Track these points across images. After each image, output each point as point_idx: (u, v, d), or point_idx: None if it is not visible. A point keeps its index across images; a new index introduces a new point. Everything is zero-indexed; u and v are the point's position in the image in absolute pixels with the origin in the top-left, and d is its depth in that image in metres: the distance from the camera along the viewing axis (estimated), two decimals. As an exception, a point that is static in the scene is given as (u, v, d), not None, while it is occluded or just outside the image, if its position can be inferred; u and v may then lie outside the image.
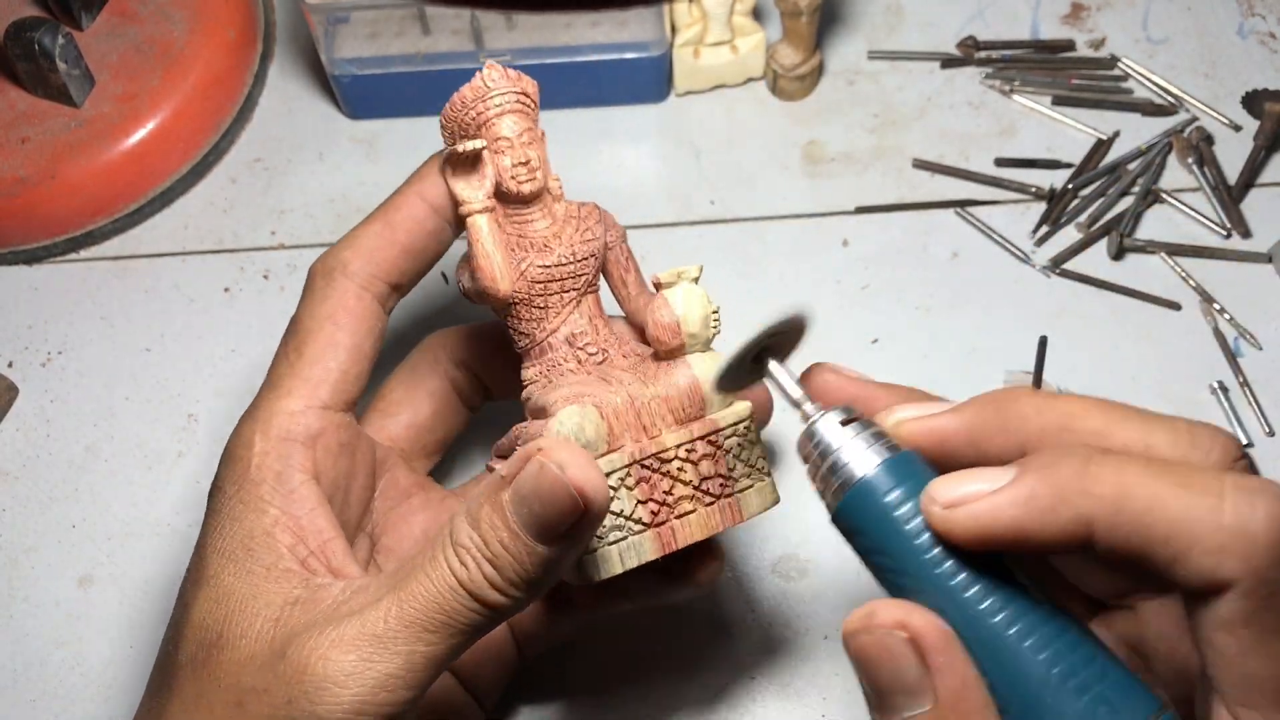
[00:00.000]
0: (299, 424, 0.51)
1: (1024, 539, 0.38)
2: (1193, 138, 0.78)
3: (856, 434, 0.42)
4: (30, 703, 0.65)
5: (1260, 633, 0.36)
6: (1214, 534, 0.35)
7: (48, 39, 0.74)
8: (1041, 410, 0.41)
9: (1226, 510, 0.35)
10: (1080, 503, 0.37)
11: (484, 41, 0.78)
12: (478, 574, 0.45)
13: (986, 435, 0.41)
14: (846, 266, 0.75)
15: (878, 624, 0.38)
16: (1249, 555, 0.35)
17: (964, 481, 0.39)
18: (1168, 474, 0.37)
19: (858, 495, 0.41)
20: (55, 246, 0.78)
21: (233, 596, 0.47)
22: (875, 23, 0.84)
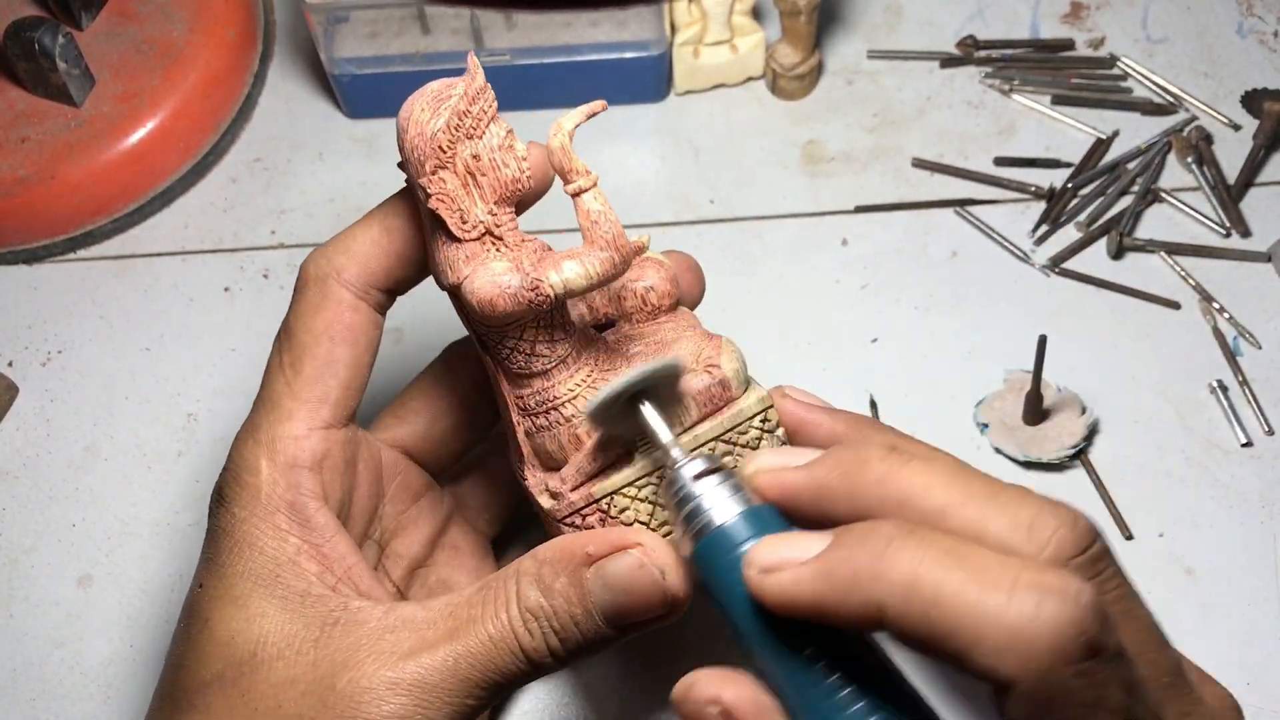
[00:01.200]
0: (304, 449, 0.50)
1: (824, 614, 0.38)
2: (1192, 137, 0.78)
3: (719, 483, 0.42)
4: (30, 702, 0.65)
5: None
6: (995, 633, 0.34)
7: (48, 38, 0.74)
8: (884, 480, 0.40)
9: (1011, 608, 0.34)
10: (871, 587, 0.36)
11: (483, 41, 0.78)
12: (541, 642, 0.45)
13: (830, 499, 0.41)
14: (846, 266, 0.75)
15: (694, 696, 0.39)
16: (1028, 659, 0.34)
17: (783, 547, 0.39)
18: (964, 564, 0.35)
19: (707, 546, 0.41)
20: (55, 246, 0.78)
21: (267, 616, 0.47)
22: (874, 22, 0.84)
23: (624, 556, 0.44)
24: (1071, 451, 0.68)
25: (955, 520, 0.38)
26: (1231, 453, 0.69)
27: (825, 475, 0.41)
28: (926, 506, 0.39)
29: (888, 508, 0.39)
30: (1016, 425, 0.69)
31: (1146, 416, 0.70)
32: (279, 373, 0.51)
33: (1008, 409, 0.69)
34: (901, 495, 0.39)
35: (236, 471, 0.50)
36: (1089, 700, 0.35)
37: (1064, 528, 0.38)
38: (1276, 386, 0.71)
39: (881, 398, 0.71)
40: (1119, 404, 0.70)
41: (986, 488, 0.39)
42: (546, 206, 0.53)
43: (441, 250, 0.48)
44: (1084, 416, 0.68)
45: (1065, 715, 0.35)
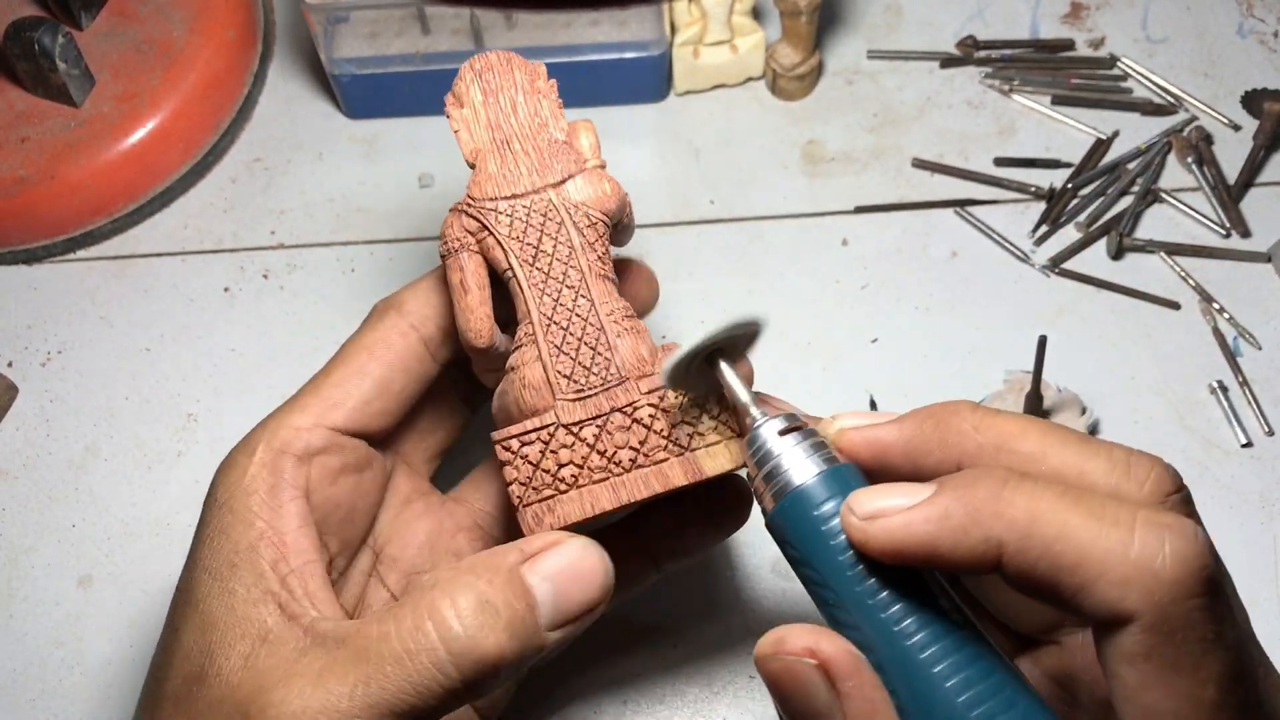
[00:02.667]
0: (301, 439, 0.50)
1: (936, 557, 0.38)
2: (1192, 137, 0.78)
3: (797, 443, 0.42)
4: (30, 702, 0.65)
5: (1160, 667, 0.36)
6: (1119, 566, 0.35)
7: (47, 38, 0.74)
8: (979, 428, 0.40)
9: (1135, 544, 0.36)
10: (992, 525, 0.37)
11: (484, 41, 0.78)
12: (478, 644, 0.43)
13: (924, 450, 0.41)
14: (846, 266, 0.75)
15: (787, 650, 0.39)
16: (1152, 590, 0.35)
17: (885, 495, 0.39)
18: (1082, 503, 0.37)
19: (791, 504, 0.41)
20: (55, 246, 0.78)
21: (216, 627, 0.46)
22: (874, 22, 0.84)
23: (563, 545, 0.45)
24: (1071, 452, 0.68)
25: (1055, 461, 0.39)
26: (1231, 453, 0.69)
27: (917, 427, 0.42)
28: (1025, 450, 0.40)
29: (984, 454, 0.40)
30: (1016, 425, 0.69)
31: (1146, 416, 0.70)
32: (314, 377, 0.52)
33: (1008, 409, 0.69)
34: (999, 440, 0.40)
35: (233, 457, 0.50)
36: (1208, 635, 0.36)
37: (1158, 467, 0.39)
38: (1276, 387, 0.71)
39: (881, 398, 0.71)
40: (1119, 404, 0.70)
41: (1078, 435, 0.40)
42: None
43: None
44: (1084, 417, 0.68)
45: (1184, 650, 0.35)
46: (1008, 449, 0.40)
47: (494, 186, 0.52)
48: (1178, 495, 0.39)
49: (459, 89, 0.54)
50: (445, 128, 0.82)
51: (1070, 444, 0.40)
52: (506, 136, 0.53)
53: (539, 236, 0.51)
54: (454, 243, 0.51)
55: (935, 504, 0.38)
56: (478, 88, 0.54)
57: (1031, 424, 0.40)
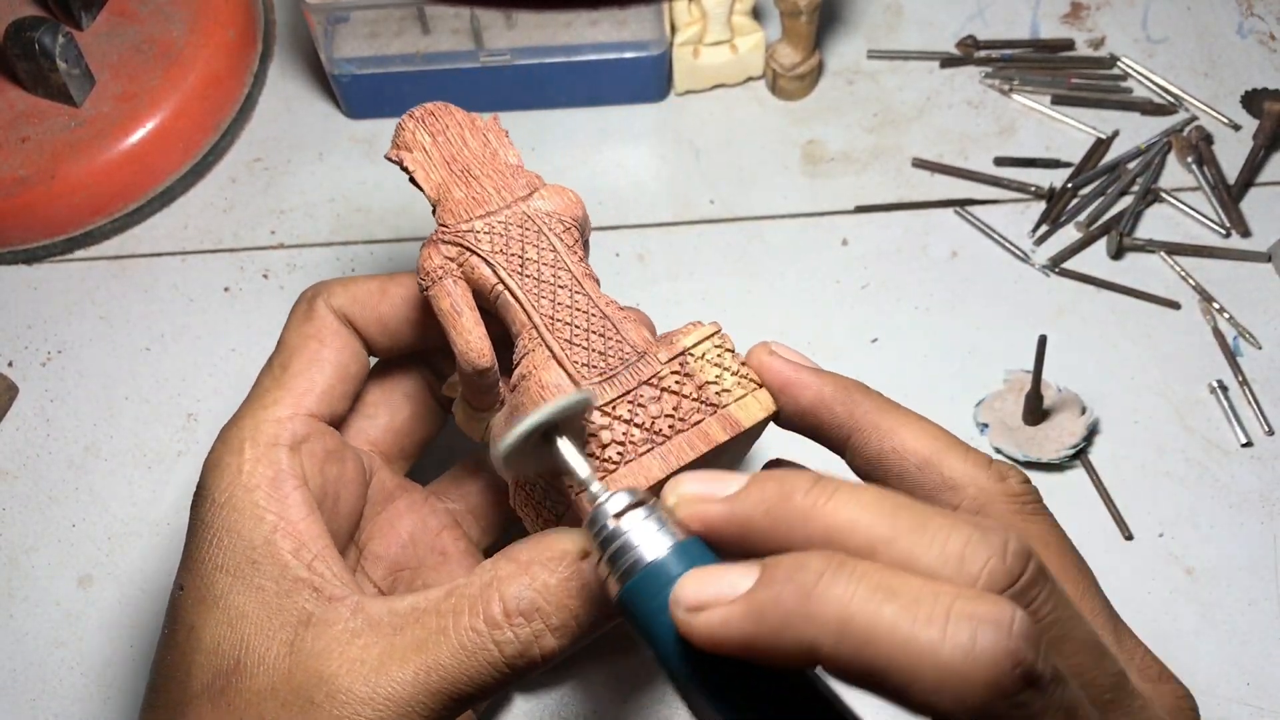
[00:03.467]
0: (286, 430, 0.50)
1: (756, 654, 0.36)
2: (1192, 137, 0.78)
3: (645, 517, 0.40)
4: (30, 702, 0.65)
5: None
6: (931, 671, 0.33)
7: (48, 38, 0.74)
8: (809, 517, 0.38)
9: (945, 645, 0.33)
10: (804, 628, 0.35)
11: (483, 41, 0.78)
12: (531, 646, 0.44)
13: (755, 534, 0.39)
14: (846, 266, 0.75)
15: None
16: (963, 694, 0.33)
17: (708, 583, 0.37)
18: (897, 596, 0.34)
19: (636, 585, 0.39)
20: (55, 246, 0.78)
21: (246, 618, 0.46)
22: (874, 22, 0.84)
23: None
24: (1071, 452, 0.68)
25: (884, 557, 0.37)
26: (1231, 453, 0.69)
27: (749, 511, 0.39)
28: (855, 544, 0.37)
29: (814, 545, 0.38)
30: (1016, 425, 0.69)
31: (1146, 416, 0.70)
32: (267, 373, 0.53)
33: (1008, 409, 0.69)
34: (828, 532, 0.38)
35: (217, 457, 0.50)
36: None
37: (995, 557, 0.36)
38: (1277, 386, 0.71)
39: (881, 398, 0.71)
40: (1119, 404, 0.70)
41: (915, 518, 0.37)
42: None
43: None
44: (1084, 416, 0.68)
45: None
46: (837, 542, 0.37)
47: (465, 210, 0.53)
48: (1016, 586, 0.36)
49: (404, 138, 0.55)
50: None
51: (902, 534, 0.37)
52: (464, 165, 0.54)
53: (521, 246, 0.52)
54: (436, 272, 0.52)
55: (751, 600, 0.36)
56: (424, 131, 0.55)
57: (866, 509, 0.37)
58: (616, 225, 0.77)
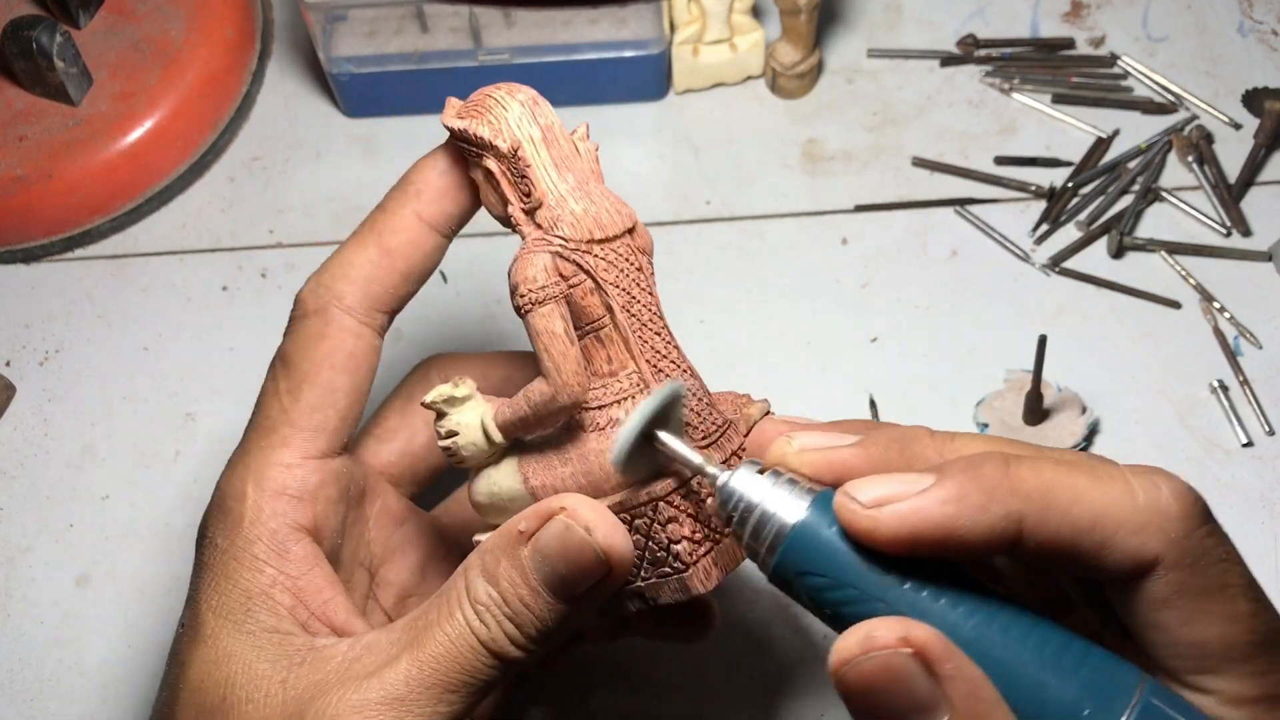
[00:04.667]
0: (295, 478, 0.48)
1: (952, 539, 0.37)
2: (1193, 136, 0.78)
3: (775, 483, 0.41)
4: (28, 702, 0.65)
5: (1194, 599, 0.38)
6: (1133, 516, 0.37)
7: (45, 37, 0.73)
8: (943, 451, 0.41)
9: (1138, 494, 0.38)
10: (1009, 500, 0.37)
11: (482, 40, 0.78)
12: (499, 632, 0.44)
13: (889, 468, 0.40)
14: (846, 265, 0.75)
15: (879, 644, 0.36)
16: (1166, 529, 0.37)
17: (884, 483, 0.38)
18: (1077, 470, 0.38)
19: (802, 537, 0.40)
20: (53, 245, 0.78)
21: (234, 658, 0.46)
22: (874, 21, 0.84)
23: (551, 525, 0.43)
24: (1072, 451, 0.67)
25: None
26: (1232, 453, 0.69)
27: (882, 451, 0.41)
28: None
29: None
30: (1017, 425, 0.68)
31: (1147, 416, 0.70)
32: (275, 399, 0.49)
33: (1008, 409, 0.69)
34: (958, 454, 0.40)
35: (222, 498, 0.49)
36: (1223, 556, 0.38)
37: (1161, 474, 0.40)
38: (1277, 386, 0.70)
39: (881, 398, 0.71)
40: (1119, 403, 0.70)
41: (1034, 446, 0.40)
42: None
43: None
44: (1084, 416, 0.68)
45: (1209, 576, 0.38)
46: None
47: (586, 228, 0.47)
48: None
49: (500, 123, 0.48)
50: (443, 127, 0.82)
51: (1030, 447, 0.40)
52: (579, 178, 0.48)
53: (630, 283, 0.47)
54: (548, 288, 0.46)
55: (947, 486, 0.37)
56: (531, 123, 0.49)
57: (990, 442, 0.40)
58: (616, 224, 0.77)
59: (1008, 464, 0.38)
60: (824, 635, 0.65)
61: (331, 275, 0.50)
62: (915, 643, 0.37)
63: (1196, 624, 0.38)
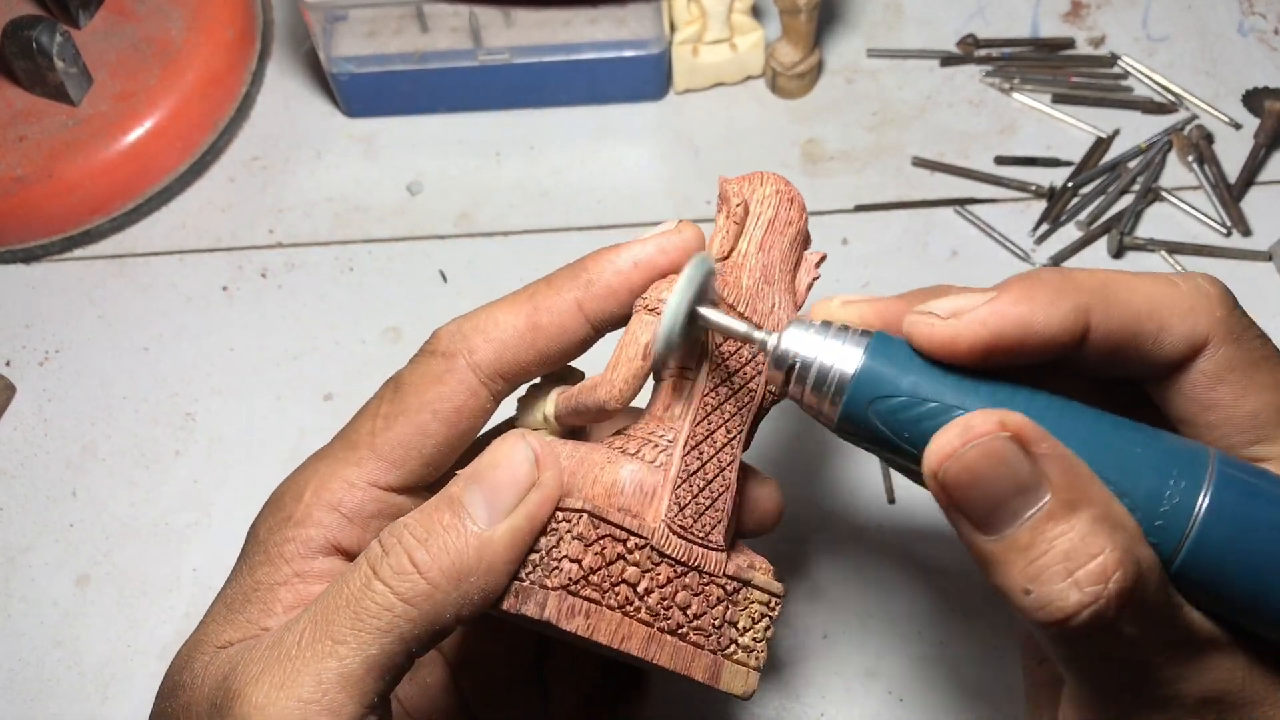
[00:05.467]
0: (353, 498, 0.47)
1: (1030, 337, 0.40)
2: (1193, 136, 0.78)
3: (828, 334, 0.42)
4: (28, 702, 0.65)
5: (1244, 371, 0.42)
6: (1182, 302, 0.41)
7: (45, 37, 0.73)
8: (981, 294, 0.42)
9: (1180, 284, 0.42)
10: (1076, 294, 0.40)
11: (482, 40, 0.78)
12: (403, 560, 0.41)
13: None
14: (846, 265, 0.75)
15: (978, 433, 0.38)
16: (1213, 309, 0.42)
17: (951, 299, 0.41)
18: (1120, 273, 0.42)
19: (874, 364, 0.41)
20: (53, 245, 0.78)
21: (203, 643, 0.45)
22: (874, 20, 0.84)
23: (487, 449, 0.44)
24: (1072, 451, 0.67)
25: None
26: (1232, 452, 0.69)
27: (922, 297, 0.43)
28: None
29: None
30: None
31: (1147, 416, 0.70)
32: (370, 419, 0.49)
33: (1008, 408, 0.69)
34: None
35: (281, 494, 0.48)
36: (1258, 331, 0.43)
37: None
38: (1277, 386, 0.70)
39: (881, 397, 0.71)
40: (1119, 403, 0.70)
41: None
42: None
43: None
44: (1084, 416, 0.68)
45: (1253, 348, 0.42)
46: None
47: (737, 295, 0.47)
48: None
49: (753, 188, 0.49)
50: (443, 126, 0.82)
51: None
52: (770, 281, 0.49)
53: (734, 372, 0.47)
54: (658, 304, 0.47)
55: (1013, 290, 0.40)
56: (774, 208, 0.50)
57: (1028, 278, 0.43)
58: (615, 224, 0.77)
59: (1063, 272, 0.41)
60: (824, 635, 0.65)
61: (474, 326, 0.49)
62: (1011, 426, 0.38)
63: (1249, 394, 0.41)
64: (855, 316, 0.44)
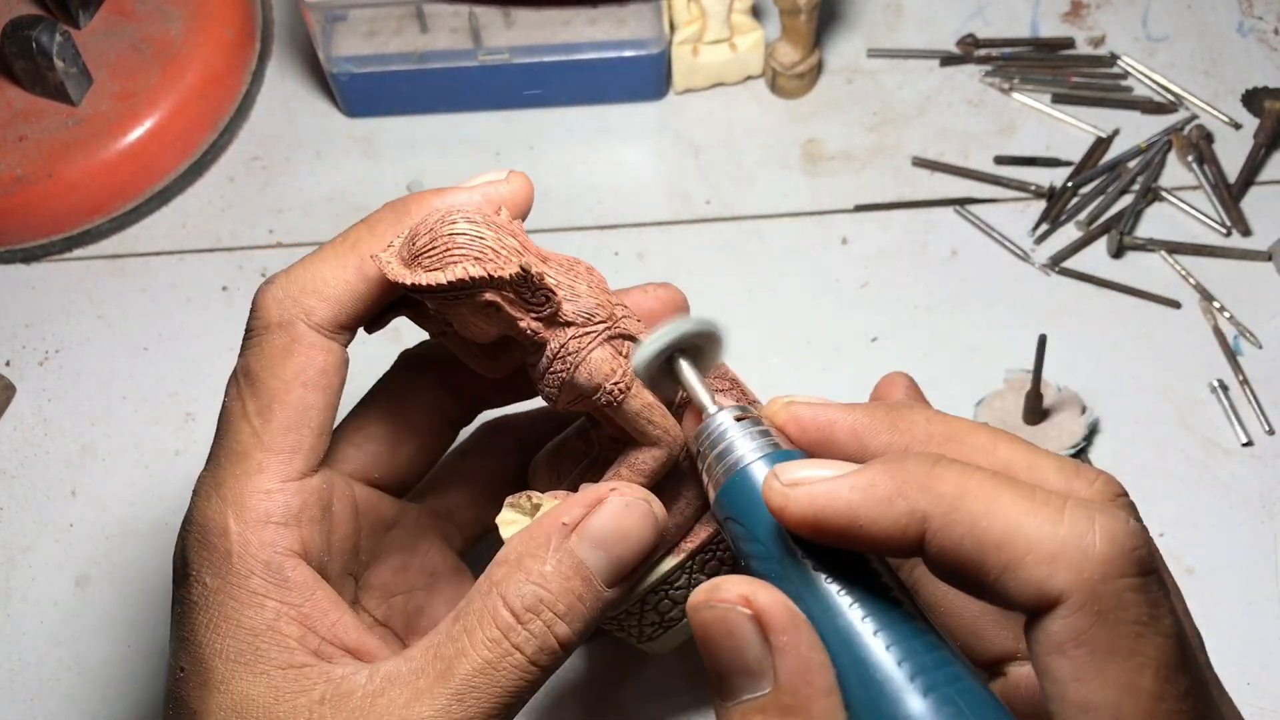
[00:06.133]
0: (277, 504, 0.46)
1: (856, 527, 0.36)
2: (1192, 135, 0.78)
3: (747, 429, 0.42)
4: (28, 702, 0.65)
5: (1093, 653, 0.34)
6: (1047, 543, 0.34)
7: (45, 37, 0.73)
8: (931, 419, 0.40)
9: (1064, 523, 0.34)
10: (918, 498, 0.35)
11: (482, 40, 0.78)
12: (548, 637, 0.42)
13: (873, 431, 0.40)
14: (846, 265, 0.75)
15: (720, 598, 0.36)
16: (1080, 567, 0.34)
17: (811, 466, 0.38)
18: (1014, 486, 0.35)
19: (738, 480, 0.41)
20: (53, 245, 0.78)
21: (253, 704, 0.43)
22: (874, 20, 0.84)
23: (605, 506, 0.43)
24: (1072, 451, 0.67)
25: (1004, 453, 0.38)
26: (1232, 452, 0.69)
27: (868, 412, 0.41)
28: (974, 443, 0.38)
29: (933, 443, 0.39)
30: (1017, 425, 0.68)
31: (1146, 416, 0.70)
32: (243, 421, 0.47)
33: (1008, 408, 0.69)
34: (949, 431, 0.39)
35: (203, 534, 0.46)
36: (1143, 618, 0.34)
37: (1105, 476, 0.38)
38: (1277, 386, 0.70)
39: (881, 397, 0.71)
40: (1119, 403, 0.70)
41: (1028, 443, 0.39)
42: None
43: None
44: (1084, 416, 0.68)
45: (1118, 634, 0.34)
46: (957, 440, 0.39)
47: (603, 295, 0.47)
48: (1124, 499, 0.38)
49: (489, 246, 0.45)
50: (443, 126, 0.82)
51: (1019, 444, 0.39)
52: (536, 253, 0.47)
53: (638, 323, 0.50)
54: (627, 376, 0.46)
55: (861, 474, 0.37)
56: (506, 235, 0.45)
57: (985, 426, 0.40)
58: (615, 224, 0.77)
59: (935, 463, 0.36)
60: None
61: (301, 288, 0.47)
62: (756, 605, 0.36)
63: (1087, 682, 0.34)
64: (791, 423, 0.42)
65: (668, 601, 0.48)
